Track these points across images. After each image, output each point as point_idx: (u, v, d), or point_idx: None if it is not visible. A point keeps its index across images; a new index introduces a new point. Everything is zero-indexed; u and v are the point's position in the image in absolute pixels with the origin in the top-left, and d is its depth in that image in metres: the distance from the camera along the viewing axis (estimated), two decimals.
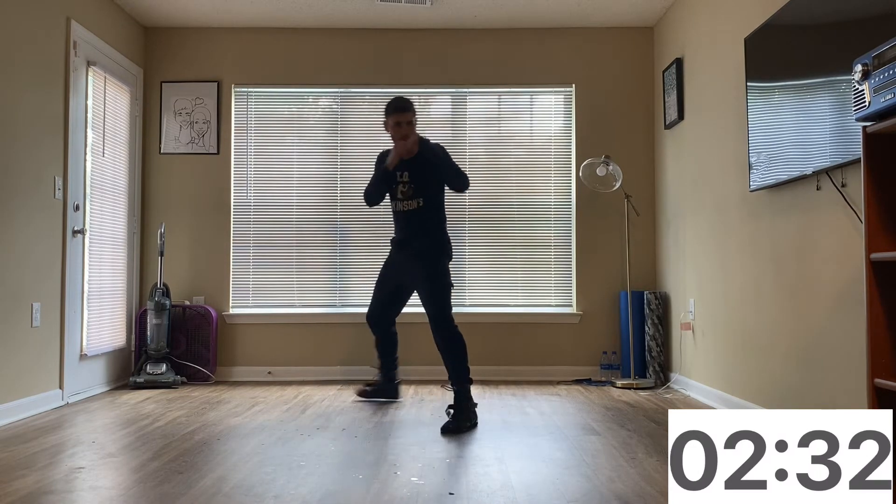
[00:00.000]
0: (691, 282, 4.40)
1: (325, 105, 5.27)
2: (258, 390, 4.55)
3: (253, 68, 5.18)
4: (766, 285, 3.41)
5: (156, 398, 4.22)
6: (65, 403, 4.03)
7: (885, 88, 1.94)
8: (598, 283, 5.09)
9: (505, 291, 5.15)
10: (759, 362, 3.46)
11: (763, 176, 3.29)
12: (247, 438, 3.16)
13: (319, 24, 5.11)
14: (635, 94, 5.16)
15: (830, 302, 2.85)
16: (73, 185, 4.16)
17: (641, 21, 5.07)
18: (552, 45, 5.18)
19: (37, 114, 3.83)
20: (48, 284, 3.92)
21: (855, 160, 2.51)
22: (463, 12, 4.87)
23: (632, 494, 2.33)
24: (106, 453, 2.90)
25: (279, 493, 2.34)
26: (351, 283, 5.16)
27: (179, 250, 5.09)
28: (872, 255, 2.04)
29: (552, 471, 2.63)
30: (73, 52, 4.13)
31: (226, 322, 5.07)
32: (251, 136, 5.20)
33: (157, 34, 5.17)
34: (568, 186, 5.18)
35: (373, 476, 2.56)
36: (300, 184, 5.19)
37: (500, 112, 5.27)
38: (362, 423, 3.47)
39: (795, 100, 3.03)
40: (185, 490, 2.38)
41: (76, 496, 2.35)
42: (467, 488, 2.41)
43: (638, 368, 4.81)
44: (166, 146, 5.14)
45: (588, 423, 3.50)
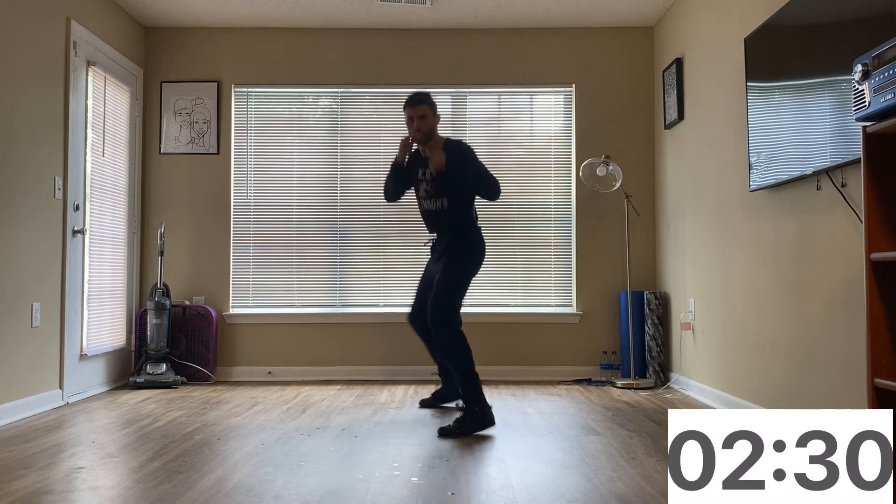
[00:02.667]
0: (691, 282, 4.40)
1: (325, 105, 5.27)
2: (258, 390, 4.55)
3: (253, 68, 5.18)
4: (766, 285, 3.40)
5: (156, 398, 4.22)
6: (65, 403, 4.03)
7: (885, 88, 1.94)
8: (598, 283, 5.09)
9: (505, 291, 5.15)
10: (759, 362, 3.46)
11: (763, 176, 3.28)
12: (247, 438, 3.16)
13: (319, 24, 5.11)
14: (635, 94, 5.16)
15: (830, 302, 2.84)
16: (73, 185, 4.16)
17: (641, 21, 5.07)
18: (552, 45, 5.18)
19: (37, 114, 3.83)
20: (48, 284, 3.92)
21: (855, 160, 2.51)
22: (463, 12, 4.87)
23: (632, 494, 2.33)
24: (106, 453, 2.90)
25: (279, 493, 2.34)
26: (351, 283, 5.16)
27: (179, 250, 5.09)
28: (872, 255, 2.04)
29: (552, 471, 2.63)
30: (73, 52, 4.13)
31: (226, 322, 5.07)
32: (251, 136, 5.21)
33: (157, 34, 5.17)
34: (568, 186, 5.17)
35: (373, 476, 2.56)
36: (300, 184, 5.19)
37: (500, 112, 5.27)
38: (362, 423, 3.48)
39: (795, 100, 3.03)
40: (185, 490, 2.38)
41: (76, 496, 2.35)
42: (467, 488, 2.41)
43: (638, 368, 4.81)
44: (166, 146, 5.14)
45: (588, 423, 3.50)
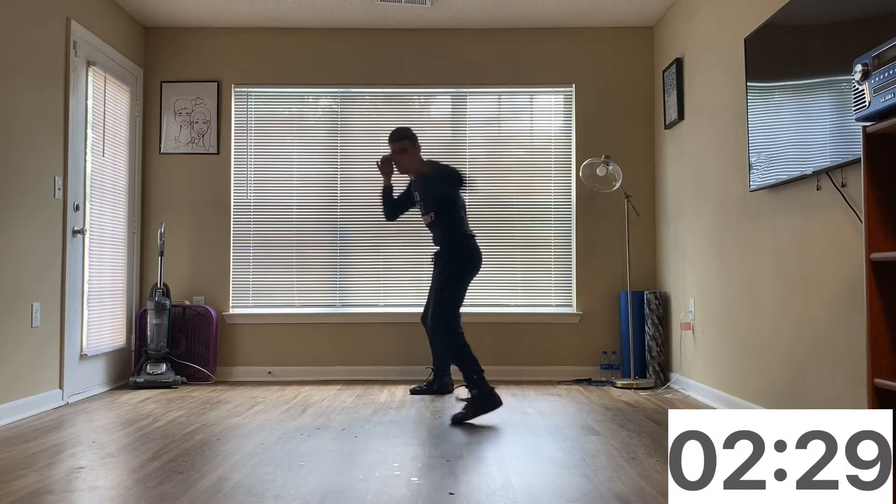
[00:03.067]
0: (691, 282, 4.39)
1: (325, 105, 5.27)
2: (258, 390, 4.55)
3: (253, 68, 5.18)
4: (766, 285, 3.40)
5: (156, 398, 4.22)
6: (65, 403, 4.03)
7: (885, 88, 1.94)
8: (598, 283, 5.09)
9: (505, 291, 5.15)
10: (759, 362, 3.46)
11: (763, 176, 3.28)
12: (247, 438, 3.16)
13: (319, 24, 5.11)
14: (635, 94, 5.16)
15: (830, 302, 2.84)
16: (73, 185, 4.16)
17: (641, 21, 5.07)
18: (552, 45, 5.18)
19: (37, 114, 3.83)
20: (48, 284, 3.92)
21: (855, 160, 2.51)
22: (463, 12, 4.87)
23: (632, 494, 2.33)
24: (106, 453, 2.90)
25: (279, 493, 2.34)
26: (351, 283, 5.16)
27: (179, 250, 5.09)
28: (872, 255, 2.04)
29: (552, 471, 2.63)
30: (73, 52, 4.13)
31: (226, 322, 5.07)
32: (251, 136, 5.20)
33: (157, 34, 5.17)
34: (568, 186, 5.17)
35: (373, 476, 2.56)
36: (300, 184, 5.19)
37: (500, 112, 5.27)
38: (362, 423, 3.47)
39: (795, 100, 3.03)
40: (185, 490, 2.38)
41: (76, 496, 2.35)
42: (467, 488, 2.41)
43: (638, 368, 4.81)
44: (166, 146, 5.14)
45: (588, 423, 3.50)
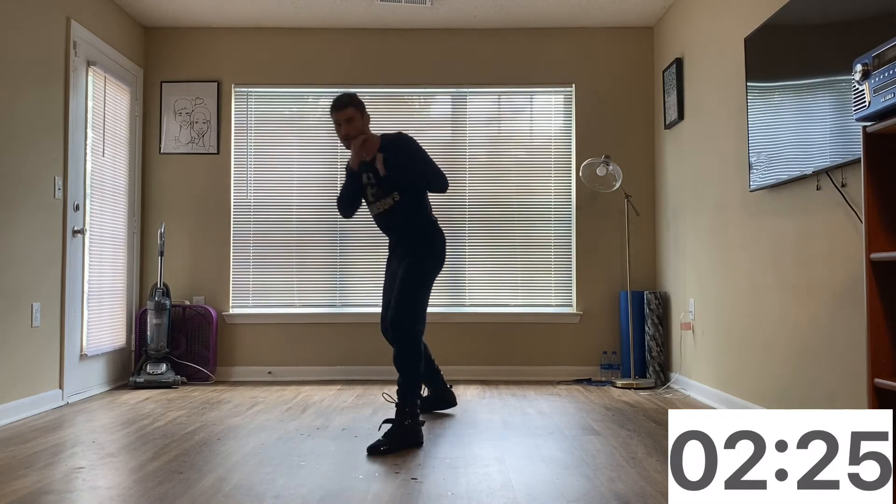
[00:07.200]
0: (691, 282, 4.40)
1: (325, 105, 5.26)
2: (258, 390, 4.55)
3: (253, 68, 5.18)
4: (766, 285, 3.41)
5: (156, 398, 4.22)
6: (65, 403, 4.03)
7: (885, 88, 1.94)
8: (598, 283, 5.09)
9: (505, 291, 5.15)
10: (759, 362, 3.46)
11: (763, 176, 3.28)
12: (247, 438, 3.16)
13: (319, 24, 5.11)
14: (635, 94, 5.16)
15: (830, 302, 2.85)
16: (73, 185, 4.16)
17: (641, 21, 5.07)
18: (552, 45, 5.18)
19: (37, 114, 3.83)
20: (48, 284, 3.92)
21: (855, 160, 2.51)
22: (463, 12, 4.87)
23: (632, 494, 2.33)
24: (106, 453, 2.90)
25: (279, 493, 2.34)
26: (351, 283, 5.16)
27: (179, 250, 5.09)
28: (872, 255, 2.04)
29: (552, 471, 2.63)
30: (73, 52, 4.13)
31: (226, 322, 5.07)
32: (251, 136, 5.20)
33: (157, 34, 5.17)
34: (568, 186, 5.17)
35: (373, 476, 2.56)
36: (300, 184, 5.19)
37: (500, 112, 5.27)
38: (362, 423, 3.47)
39: (795, 100, 3.03)
40: (185, 490, 2.38)
41: (76, 496, 2.35)
42: (467, 488, 2.41)
43: (638, 368, 4.81)
44: (166, 146, 5.14)
45: (588, 423, 3.50)
